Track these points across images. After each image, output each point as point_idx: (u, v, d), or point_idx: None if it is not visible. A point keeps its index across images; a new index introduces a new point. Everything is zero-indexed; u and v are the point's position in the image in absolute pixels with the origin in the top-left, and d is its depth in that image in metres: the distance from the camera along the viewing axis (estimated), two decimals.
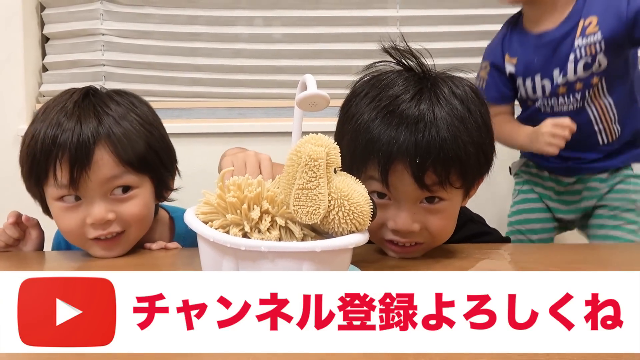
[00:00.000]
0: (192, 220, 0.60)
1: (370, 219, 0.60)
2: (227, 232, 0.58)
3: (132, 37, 1.77)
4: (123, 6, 1.76)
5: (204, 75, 1.78)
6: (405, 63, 0.78)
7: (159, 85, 1.78)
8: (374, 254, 0.81)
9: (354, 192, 0.59)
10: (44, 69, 1.80)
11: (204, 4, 1.76)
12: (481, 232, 0.94)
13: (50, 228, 0.93)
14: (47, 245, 0.96)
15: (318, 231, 0.61)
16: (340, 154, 0.58)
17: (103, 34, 1.76)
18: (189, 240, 0.91)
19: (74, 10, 1.76)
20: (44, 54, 1.80)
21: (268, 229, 0.58)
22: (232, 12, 1.76)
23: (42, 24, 1.79)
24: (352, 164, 0.74)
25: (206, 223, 0.59)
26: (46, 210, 0.86)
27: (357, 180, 0.62)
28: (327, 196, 0.57)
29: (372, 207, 0.60)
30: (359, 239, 0.58)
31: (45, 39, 1.81)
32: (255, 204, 0.59)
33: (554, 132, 1.18)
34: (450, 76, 0.78)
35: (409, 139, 0.70)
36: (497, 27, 1.72)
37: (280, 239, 0.58)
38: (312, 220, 0.57)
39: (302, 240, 0.59)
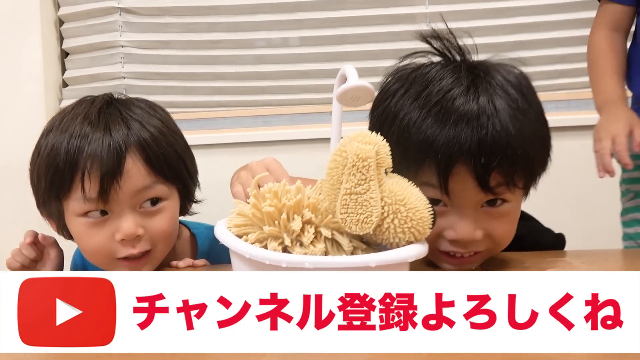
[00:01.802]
0: (224, 234, 0.53)
1: (431, 226, 0.52)
2: (265, 247, 0.51)
3: (152, 48, 1.73)
4: (142, 17, 1.73)
5: (226, 84, 1.73)
6: (448, 53, 0.70)
7: (181, 95, 1.73)
8: (422, 267, 0.71)
9: (411, 195, 0.51)
10: (64, 84, 1.77)
11: (224, 10, 1.71)
12: (533, 231, 0.85)
13: (67, 249, 0.87)
14: (67, 267, 0.90)
15: (369, 243, 0.53)
16: None
17: (122, 46, 1.73)
18: (214, 259, 0.85)
19: (92, 23, 1.73)
20: (63, 69, 1.77)
21: (312, 242, 0.50)
22: (253, 17, 1.71)
23: (61, 39, 1.77)
24: (400, 170, 0.66)
25: (240, 237, 0.52)
26: (61, 229, 0.81)
27: (411, 182, 0.54)
28: (380, 201, 0.49)
29: (432, 212, 0.52)
30: (420, 250, 0.50)
31: (64, 54, 1.78)
32: (295, 214, 0.51)
33: (618, 148, 0.88)
34: (497, 63, 0.70)
35: (470, 137, 0.62)
36: (534, 18, 1.64)
37: (326, 253, 0.51)
38: (363, 230, 0.49)
39: (352, 253, 0.51)
